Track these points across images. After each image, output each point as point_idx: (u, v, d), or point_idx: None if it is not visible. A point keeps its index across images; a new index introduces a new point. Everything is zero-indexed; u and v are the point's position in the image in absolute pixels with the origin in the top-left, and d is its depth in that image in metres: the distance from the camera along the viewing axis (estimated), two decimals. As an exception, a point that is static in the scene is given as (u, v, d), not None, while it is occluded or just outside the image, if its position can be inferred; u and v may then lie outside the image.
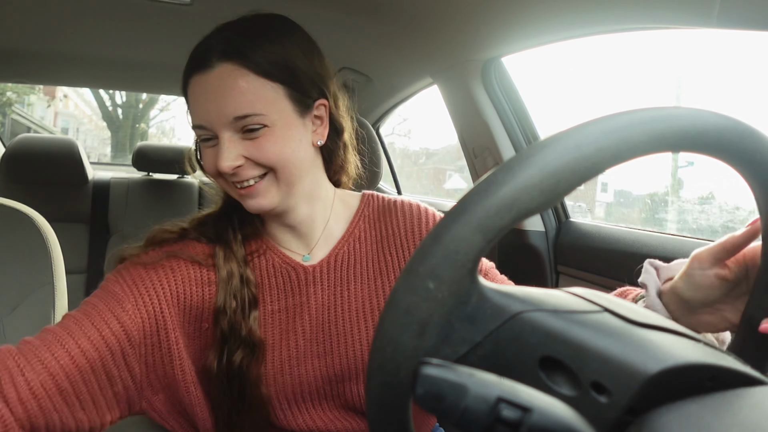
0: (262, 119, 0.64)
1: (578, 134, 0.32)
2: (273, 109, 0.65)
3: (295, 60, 0.67)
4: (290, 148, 0.67)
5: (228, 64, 0.63)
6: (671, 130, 0.33)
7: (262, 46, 0.65)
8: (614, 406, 0.31)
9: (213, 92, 0.64)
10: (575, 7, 0.94)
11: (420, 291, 0.32)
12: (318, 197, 0.76)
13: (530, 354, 0.33)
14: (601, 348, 0.32)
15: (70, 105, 17.61)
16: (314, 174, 0.74)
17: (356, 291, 0.76)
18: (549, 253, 1.36)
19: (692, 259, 0.54)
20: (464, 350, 0.34)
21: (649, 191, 2.71)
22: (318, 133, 0.72)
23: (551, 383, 0.33)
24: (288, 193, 0.70)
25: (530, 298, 0.35)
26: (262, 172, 0.67)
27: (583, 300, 0.36)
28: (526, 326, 0.34)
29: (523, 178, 0.31)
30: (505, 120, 1.39)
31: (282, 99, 0.66)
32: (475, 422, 0.30)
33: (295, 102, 0.67)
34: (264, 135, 0.65)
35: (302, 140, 0.69)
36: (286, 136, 0.66)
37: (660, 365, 0.30)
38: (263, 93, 0.64)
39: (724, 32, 0.77)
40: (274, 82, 0.65)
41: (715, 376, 0.32)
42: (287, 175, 0.68)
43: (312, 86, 0.69)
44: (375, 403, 0.34)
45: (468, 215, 0.31)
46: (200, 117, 0.66)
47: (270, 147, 0.65)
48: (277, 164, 0.66)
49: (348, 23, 1.36)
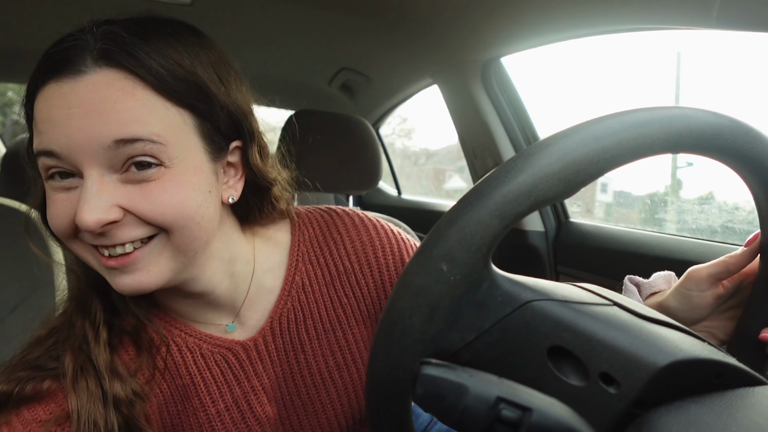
0: (159, 151, 0.44)
1: (599, 126, 0.32)
2: (176, 140, 0.46)
3: (207, 82, 0.48)
4: (195, 202, 0.47)
5: (109, 69, 0.44)
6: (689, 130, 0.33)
7: (163, 52, 0.46)
8: (622, 397, 0.31)
9: (82, 105, 0.43)
10: (575, 8, 0.94)
11: (433, 273, 0.31)
12: (231, 258, 0.57)
13: (539, 343, 0.33)
14: (610, 339, 0.32)
15: (70, 105, 17.58)
16: (224, 235, 0.55)
17: (313, 351, 0.61)
18: (549, 253, 1.36)
19: (688, 279, 0.52)
20: (472, 337, 0.34)
21: (649, 191, 2.70)
22: (231, 186, 0.53)
23: (559, 373, 0.33)
24: (185, 265, 0.50)
25: (541, 288, 0.35)
26: (149, 232, 0.46)
27: (592, 293, 0.36)
28: (536, 315, 0.34)
29: (542, 166, 0.31)
30: (505, 120, 1.39)
31: (189, 131, 0.47)
32: (474, 422, 0.30)
33: (207, 139, 0.49)
34: (159, 178, 0.45)
35: (210, 194, 0.49)
36: (191, 183, 0.47)
37: (669, 358, 0.31)
38: (163, 115, 0.45)
39: (724, 32, 0.77)
40: (179, 105, 0.46)
41: (721, 374, 0.32)
42: (187, 240, 0.48)
43: (229, 121, 0.51)
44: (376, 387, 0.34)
45: (487, 199, 0.31)
46: (54, 139, 0.44)
47: (167, 197, 0.45)
48: (175, 223, 0.46)
49: (348, 23, 1.36)
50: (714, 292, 0.50)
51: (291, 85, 1.98)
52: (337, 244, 0.62)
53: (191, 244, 0.48)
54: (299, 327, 0.61)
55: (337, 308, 0.62)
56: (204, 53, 0.50)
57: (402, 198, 2.38)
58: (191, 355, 0.58)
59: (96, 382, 0.51)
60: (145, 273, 0.47)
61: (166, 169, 0.45)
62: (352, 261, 0.62)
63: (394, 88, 1.79)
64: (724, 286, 0.51)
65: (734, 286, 0.51)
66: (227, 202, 0.53)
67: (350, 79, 1.81)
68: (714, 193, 2.01)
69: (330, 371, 0.62)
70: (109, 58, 0.44)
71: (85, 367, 0.51)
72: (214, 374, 0.58)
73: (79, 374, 0.51)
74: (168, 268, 0.48)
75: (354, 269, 0.62)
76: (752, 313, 0.48)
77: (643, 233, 1.12)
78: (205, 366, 0.58)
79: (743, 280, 0.50)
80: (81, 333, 0.53)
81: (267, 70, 1.83)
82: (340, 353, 0.62)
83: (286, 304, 0.60)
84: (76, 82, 0.43)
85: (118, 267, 0.46)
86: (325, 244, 0.62)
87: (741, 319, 0.49)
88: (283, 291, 0.60)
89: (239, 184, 0.54)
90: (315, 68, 1.77)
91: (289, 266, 0.61)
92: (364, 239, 0.62)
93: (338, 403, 0.63)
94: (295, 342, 0.61)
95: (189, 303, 0.57)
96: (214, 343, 0.58)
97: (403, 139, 9.49)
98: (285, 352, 0.61)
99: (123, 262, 0.46)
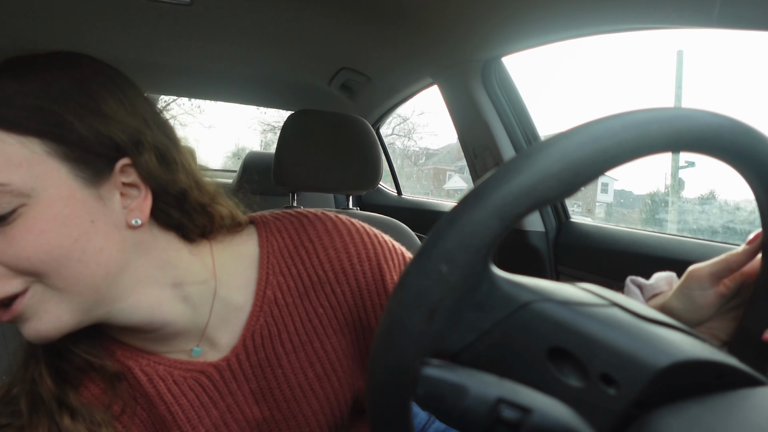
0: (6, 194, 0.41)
1: (599, 126, 0.32)
2: (23, 174, 0.42)
3: (61, 102, 0.44)
4: (69, 238, 0.43)
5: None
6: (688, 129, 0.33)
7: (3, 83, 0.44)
8: (622, 398, 0.31)
9: None
10: (575, 7, 0.94)
11: (432, 274, 0.31)
12: (176, 282, 0.52)
13: (539, 344, 0.33)
14: (611, 340, 0.32)
15: (71, 105, 17.59)
16: (157, 259, 0.51)
17: (291, 364, 0.59)
18: (549, 253, 1.36)
19: (689, 278, 0.51)
20: (471, 338, 0.34)
21: (649, 191, 2.71)
22: (134, 208, 0.48)
23: (559, 374, 0.33)
24: (91, 304, 0.47)
25: (541, 289, 0.35)
26: (22, 284, 0.43)
27: (591, 294, 0.36)
28: (536, 316, 0.34)
29: (542, 167, 0.31)
30: (505, 120, 1.39)
31: (41, 160, 0.43)
32: (475, 423, 0.30)
33: (74, 164, 0.45)
34: (19, 219, 0.42)
35: (95, 223, 0.45)
36: (60, 217, 0.43)
37: (670, 359, 0.30)
38: (1, 151, 0.42)
39: (724, 32, 0.77)
40: (23, 135, 0.43)
41: (722, 375, 0.32)
42: (70, 281, 0.44)
43: (103, 140, 0.46)
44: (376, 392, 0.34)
45: (486, 200, 0.31)
46: None
47: (31, 238, 0.42)
48: (46, 266, 0.42)
49: (347, 23, 1.36)
50: (716, 291, 0.50)
51: (291, 85, 1.98)
52: (309, 252, 0.58)
53: (79, 283, 0.44)
54: (274, 342, 0.57)
55: (313, 319, 0.59)
56: (65, 74, 0.46)
57: (402, 198, 2.38)
58: (164, 384, 0.54)
59: (51, 421, 0.49)
60: (39, 322, 0.44)
61: (25, 208, 0.42)
62: (326, 269, 0.58)
63: (394, 88, 1.79)
64: (726, 285, 0.50)
65: (736, 285, 0.50)
66: (132, 226, 0.48)
67: (350, 78, 1.80)
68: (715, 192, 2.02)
69: (310, 383, 0.60)
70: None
71: (37, 406, 0.49)
72: (190, 400, 0.55)
73: (33, 414, 0.49)
74: (65, 312, 0.45)
75: (329, 278, 0.58)
76: (754, 314, 0.47)
77: (644, 233, 1.12)
78: (180, 393, 0.55)
79: (745, 280, 0.50)
80: (29, 375, 0.51)
81: (267, 70, 1.83)
82: (319, 364, 0.60)
83: (258, 320, 0.57)
84: None
85: (10, 320, 0.44)
86: (296, 254, 0.58)
87: (742, 319, 0.49)
88: (255, 307, 0.56)
89: (145, 204, 0.49)
90: (315, 68, 1.77)
91: (260, 281, 0.57)
92: (338, 245, 0.59)
93: (321, 413, 0.61)
94: (271, 357, 0.58)
95: (144, 336, 0.53)
96: (184, 368, 0.55)
97: (403, 139, 9.46)
98: (261, 368, 0.58)
99: (11, 316, 0.44)
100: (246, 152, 2.46)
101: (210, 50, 1.62)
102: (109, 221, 0.46)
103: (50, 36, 1.57)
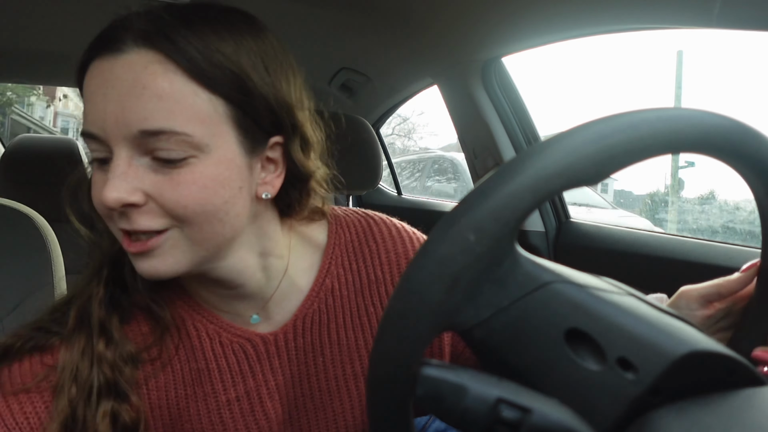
0: (184, 142, 0.44)
1: (636, 116, 0.32)
2: (204, 129, 0.45)
3: (249, 70, 0.47)
4: (221, 198, 0.47)
5: (147, 51, 0.44)
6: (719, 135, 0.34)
7: (203, 37, 0.46)
8: (639, 383, 0.31)
9: (116, 87, 0.44)
10: (575, 8, 0.94)
11: (459, 242, 0.31)
12: (264, 252, 0.56)
13: (557, 325, 0.33)
14: (630, 325, 0.32)
15: (70, 105, 17.61)
16: (259, 228, 0.55)
17: (333, 356, 0.60)
18: (549, 253, 1.36)
19: (679, 297, 0.52)
20: (488, 314, 0.34)
21: (649, 191, 2.71)
22: (267, 182, 0.52)
23: (576, 356, 0.33)
24: (206, 258, 0.50)
25: (561, 271, 0.35)
26: (165, 225, 0.46)
27: (608, 283, 0.37)
28: (555, 296, 0.34)
29: (579, 147, 0.31)
30: (505, 120, 1.39)
31: (220, 120, 0.46)
32: (475, 423, 0.30)
33: (242, 131, 0.48)
34: (187, 169, 0.45)
35: (241, 189, 0.49)
36: (220, 177, 0.47)
37: (688, 348, 0.31)
38: (191, 102, 0.45)
39: (724, 32, 0.77)
40: (214, 93, 0.46)
41: (733, 371, 0.32)
42: (206, 235, 0.48)
43: (269, 115, 0.49)
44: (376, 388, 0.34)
45: (521, 175, 0.31)
46: (93, 121, 0.46)
47: (193, 189, 0.45)
48: (191, 218, 0.46)
49: (347, 23, 1.36)
50: (704, 313, 0.51)
51: (291, 85, 1.98)
52: (372, 252, 0.62)
53: (211, 239, 0.48)
54: (322, 329, 0.59)
55: (363, 316, 0.61)
56: (253, 42, 0.49)
57: (402, 198, 2.38)
58: (209, 341, 0.57)
59: (88, 339, 0.52)
60: (161, 261, 0.48)
61: (195, 160, 0.45)
62: (384, 271, 0.61)
63: (394, 88, 1.79)
64: (715, 307, 0.51)
65: (726, 308, 0.51)
66: (261, 198, 0.52)
67: (350, 78, 1.80)
68: (715, 192, 2.01)
69: (346, 379, 0.60)
70: (147, 39, 0.44)
71: (83, 322, 0.53)
72: (230, 362, 0.57)
73: (77, 328, 0.52)
74: (185, 259, 0.48)
75: (385, 280, 0.61)
76: (745, 332, 0.48)
77: (644, 233, 1.12)
78: (222, 353, 0.57)
79: (735, 304, 0.51)
80: (87, 293, 0.54)
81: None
82: (359, 362, 0.61)
83: (312, 305, 0.59)
84: (115, 59, 0.44)
85: (136, 252, 0.47)
86: (360, 251, 0.62)
87: (733, 337, 0.49)
88: (312, 292, 0.59)
89: (277, 181, 0.53)
90: (315, 68, 1.77)
91: (322, 268, 0.60)
92: (399, 250, 0.62)
93: (350, 414, 0.61)
94: (315, 343, 0.59)
95: (218, 292, 0.57)
96: (234, 332, 0.58)
97: (403, 139, 9.47)
98: (304, 352, 0.59)
99: (141, 249, 0.47)
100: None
101: (210, 50, 1.62)
102: (249, 190, 0.50)
103: (50, 36, 1.57)
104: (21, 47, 1.66)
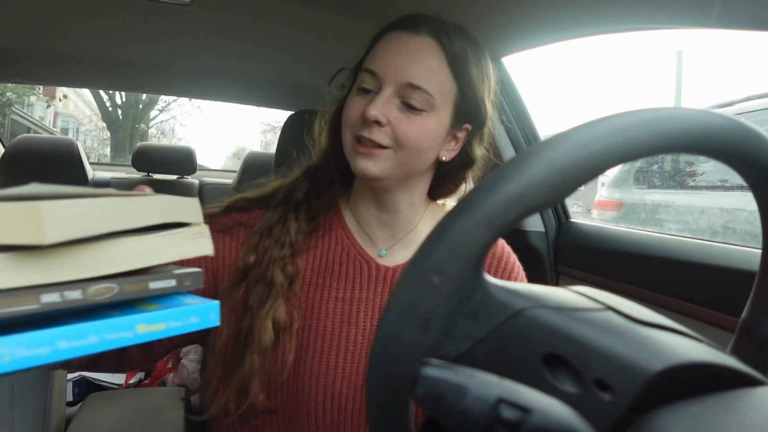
0: (428, 102, 0.67)
1: (586, 132, 0.32)
2: (441, 99, 0.68)
3: (473, 75, 0.70)
4: (428, 142, 0.69)
5: (432, 39, 0.69)
6: (678, 130, 0.33)
7: (464, 44, 0.70)
8: (617, 403, 0.30)
9: (406, 52, 0.68)
10: (576, 8, 0.94)
11: (424, 285, 0.32)
12: (413, 202, 0.77)
13: (533, 351, 0.33)
14: (605, 345, 0.32)
15: (70, 105, 17.61)
16: (421, 180, 0.76)
17: None
18: (549, 253, 1.35)
19: None
20: (467, 346, 0.34)
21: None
22: (450, 150, 0.74)
23: (554, 380, 0.32)
24: (397, 174, 0.70)
25: (534, 295, 0.35)
26: (388, 144, 0.68)
27: (586, 298, 0.36)
28: (529, 323, 0.34)
29: (530, 174, 0.31)
30: (505, 120, 1.39)
31: (450, 99, 0.70)
32: (475, 423, 0.30)
33: (456, 110, 0.70)
34: (419, 116, 0.67)
35: (438, 145, 0.71)
36: (432, 130, 0.69)
37: (664, 363, 0.30)
38: (442, 80, 0.68)
39: (724, 32, 0.77)
40: (455, 80, 0.69)
41: (719, 376, 0.31)
42: (408, 159, 0.69)
43: (473, 107, 0.72)
44: (375, 399, 0.34)
45: (475, 210, 0.31)
46: (379, 66, 0.69)
47: (415, 129, 0.67)
48: (408, 146, 0.68)
49: (348, 23, 1.36)
50: None
51: (291, 85, 1.98)
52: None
53: (410, 164, 0.70)
54: None
55: None
56: (481, 58, 0.73)
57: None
58: (340, 250, 0.76)
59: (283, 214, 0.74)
60: (374, 164, 0.68)
61: (426, 114, 0.68)
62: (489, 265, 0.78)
63: (394, 88, 1.79)
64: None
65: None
66: (440, 159, 0.73)
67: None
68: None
69: None
70: (435, 31, 0.69)
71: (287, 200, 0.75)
72: (349, 270, 0.75)
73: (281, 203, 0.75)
74: (386, 171, 0.69)
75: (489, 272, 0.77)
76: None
77: (644, 233, 1.12)
78: (346, 260, 0.75)
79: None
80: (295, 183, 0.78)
81: (267, 71, 1.83)
82: None
83: None
84: (410, 36, 0.69)
85: (362, 153, 0.68)
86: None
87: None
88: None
89: (453, 152, 0.75)
90: (315, 68, 1.77)
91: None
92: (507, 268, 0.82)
93: None
94: None
95: (371, 217, 0.77)
96: (360, 253, 0.76)
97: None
98: None
99: (366, 152, 0.68)
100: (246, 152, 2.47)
101: (210, 50, 1.62)
102: (440, 147, 0.73)
103: (50, 36, 1.57)
104: (21, 47, 1.66)
